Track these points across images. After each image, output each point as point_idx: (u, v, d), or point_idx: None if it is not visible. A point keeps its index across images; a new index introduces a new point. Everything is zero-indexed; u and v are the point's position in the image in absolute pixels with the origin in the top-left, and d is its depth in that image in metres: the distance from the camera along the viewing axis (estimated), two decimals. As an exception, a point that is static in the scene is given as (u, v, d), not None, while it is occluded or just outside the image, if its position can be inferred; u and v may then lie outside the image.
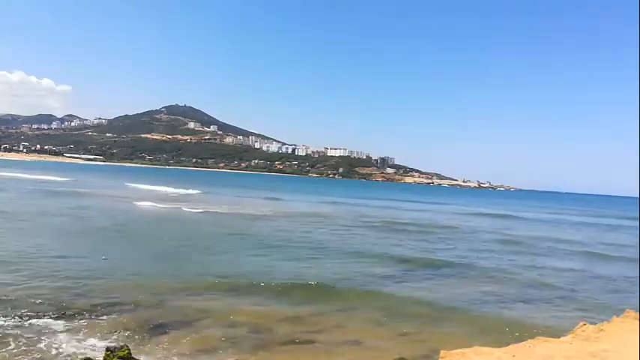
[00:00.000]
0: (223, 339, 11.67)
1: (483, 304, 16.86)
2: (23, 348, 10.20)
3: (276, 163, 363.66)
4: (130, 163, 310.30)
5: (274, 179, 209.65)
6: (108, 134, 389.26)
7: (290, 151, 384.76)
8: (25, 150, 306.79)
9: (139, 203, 44.92)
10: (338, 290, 17.32)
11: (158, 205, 44.43)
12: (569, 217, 73.00)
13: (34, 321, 11.82)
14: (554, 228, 52.65)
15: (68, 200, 42.86)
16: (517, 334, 12.56)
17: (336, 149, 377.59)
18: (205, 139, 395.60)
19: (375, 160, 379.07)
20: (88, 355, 9.78)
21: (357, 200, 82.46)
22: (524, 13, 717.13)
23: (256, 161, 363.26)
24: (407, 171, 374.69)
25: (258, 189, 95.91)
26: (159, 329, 12.00)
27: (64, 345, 10.48)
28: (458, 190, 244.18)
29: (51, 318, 12.12)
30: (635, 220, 70.52)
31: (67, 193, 51.95)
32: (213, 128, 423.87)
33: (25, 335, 10.87)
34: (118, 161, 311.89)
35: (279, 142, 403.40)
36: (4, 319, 11.77)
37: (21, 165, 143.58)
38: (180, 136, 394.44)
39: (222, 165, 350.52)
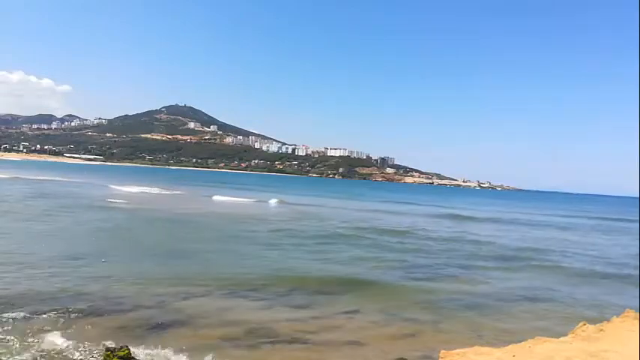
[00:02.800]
0: (223, 339, 11.67)
1: (482, 305, 16.85)
2: (23, 348, 10.20)
3: (276, 163, 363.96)
4: (130, 163, 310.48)
5: (271, 179, 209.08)
6: (108, 134, 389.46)
7: (290, 151, 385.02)
8: (25, 150, 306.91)
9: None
10: (338, 292, 17.37)
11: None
12: (554, 219, 68.31)
13: (33, 321, 11.81)
14: (526, 230, 47.67)
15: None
16: (517, 334, 12.53)
17: (336, 149, 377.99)
18: (205, 139, 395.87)
19: (375, 160, 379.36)
20: (88, 355, 9.78)
21: (320, 200, 76.21)
22: (524, 12, 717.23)
23: (256, 161, 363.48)
24: (407, 171, 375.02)
25: (246, 189, 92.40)
26: (159, 329, 12.01)
27: (64, 345, 10.48)
28: (454, 190, 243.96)
29: (51, 318, 12.12)
30: (623, 222, 68.95)
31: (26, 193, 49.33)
32: (213, 128, 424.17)
33: (25, 335, 10.87)
34: (118, 161, 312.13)
35: (279, 142, 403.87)
36: (4, 319, 11.76)
37: (10, 165, 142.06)
38: (180, 136, 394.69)
39: (222, 165, 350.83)
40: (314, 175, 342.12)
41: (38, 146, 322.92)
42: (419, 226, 43.02)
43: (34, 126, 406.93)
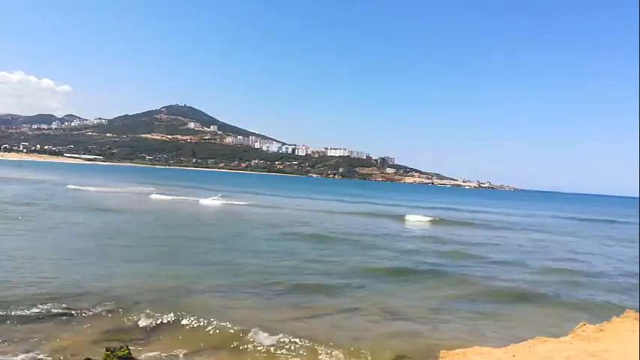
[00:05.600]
0: (223, 338, 11.67)
1: (482, 304, 16.84)
2: (23, 348, 10.20)
3: (276, 163, 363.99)
4: (129, 163, 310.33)
5: (268, 179, 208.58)
6: (108, 134, 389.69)
7: (290, 151, 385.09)
8: (25, 150, 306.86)
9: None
10: (338, 289, 17.37)
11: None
12: (545, 220, 63.73)
13: (33, 321, 11.80)
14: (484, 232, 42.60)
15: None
16: (517, 334, 12.53)
17: (336, 149, 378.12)
18: (205, 139, 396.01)
19: (375, 160, 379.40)
20: (87, 355, 9.78)
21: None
22: (524, 12, 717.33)
23: (256, 161, 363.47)
24: (407, 171, 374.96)
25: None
26: (159, 329, 12.01)
27: (64, 345, 10.47)
28: (452, 190, 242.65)
29: (50, 318, 12.12)
30: (620, 225, 64.40)
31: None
32: (213, 128, 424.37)
33: (25, 335, 10.87)
34: (118, 161, 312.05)
35: (279, 142, 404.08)
36: (3, 319, 11.76)
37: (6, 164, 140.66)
38: (180, 136, 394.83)
39: (222, 165, 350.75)
40: (314, 175, 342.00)
41: (38, 146, 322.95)
42: (377, 232, 37.06)
43: (34, 126, 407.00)
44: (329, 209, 58.47)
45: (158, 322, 12.40)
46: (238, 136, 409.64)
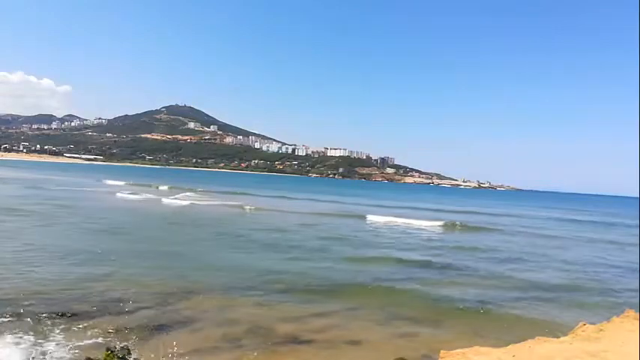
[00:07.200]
0: (223, 339, 11.67)
1: (483, 304, 16.83)
2: (23, 349, 10.19)
3: (276, 163, 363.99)
4: (129, 163, 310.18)
5: (267, 179, 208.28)
6: (108, 134, 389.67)
7: (290, 151, 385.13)
8: (25, 150, 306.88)
9: None
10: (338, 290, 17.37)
11: None
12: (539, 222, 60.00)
13: (34, 321, 11.80)
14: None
15: None
16: (517, 334, 12.52)
17: (336, 149, 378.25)
18: (205, 139, 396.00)
19: (375, 160, 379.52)
20: (87, 355, 9.78)
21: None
22: (524, 13, 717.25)
23: (256, 161, 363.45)
24: (407, 171, 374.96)
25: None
26: (159, 329, 12.01)
27: (64, 345, 10.46)
28: (450, 190, 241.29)
29: (51, 318, 12.11)
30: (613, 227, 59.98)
31: None
32: (213, 128, 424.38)
33: (25, 336, 10.86)
34: (118, 161, 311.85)
35: (279, 142, 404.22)
36: (4, 319, 11.76)
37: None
38: (180, 136, 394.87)
39: (222, 165, 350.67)
40: (314, 175, 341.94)
41: (38, 146, 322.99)
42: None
43: (34, 126, 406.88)
44: (299, 210, 53.84)
45: (157, 322, 12.41)
46: (238, 136, 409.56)
